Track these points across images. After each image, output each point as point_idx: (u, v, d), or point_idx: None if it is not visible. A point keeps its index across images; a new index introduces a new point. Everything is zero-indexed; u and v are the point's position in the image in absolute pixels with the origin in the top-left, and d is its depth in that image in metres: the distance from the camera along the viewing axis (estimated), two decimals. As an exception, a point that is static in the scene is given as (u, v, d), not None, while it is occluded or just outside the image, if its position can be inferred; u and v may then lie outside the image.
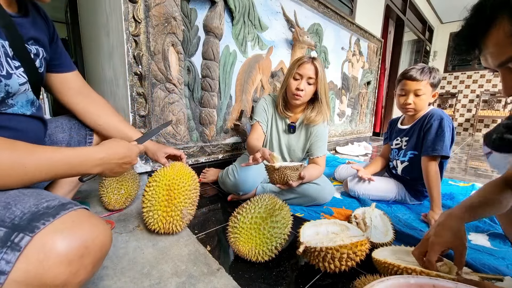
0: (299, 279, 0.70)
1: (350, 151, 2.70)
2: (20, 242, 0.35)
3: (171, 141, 1.38)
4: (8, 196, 0.40)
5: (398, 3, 3.84)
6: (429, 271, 0.56)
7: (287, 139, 1.32)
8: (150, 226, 0.85)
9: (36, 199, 0.41)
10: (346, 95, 2.95)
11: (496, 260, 0.81)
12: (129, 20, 1.12)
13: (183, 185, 0.86)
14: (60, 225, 0.38)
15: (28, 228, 0.36)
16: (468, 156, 2.93)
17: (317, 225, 0.80)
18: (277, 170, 0.93)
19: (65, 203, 0.41)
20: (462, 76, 5.96)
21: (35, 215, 0.38)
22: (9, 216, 0.37)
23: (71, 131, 0.79)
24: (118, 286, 0.63)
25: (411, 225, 1.02)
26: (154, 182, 0.85)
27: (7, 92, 0.52)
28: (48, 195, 0.43)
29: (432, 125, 1.11)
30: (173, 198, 0.84)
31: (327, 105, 1.24)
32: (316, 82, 1.17)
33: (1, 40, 0.50)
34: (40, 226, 0.37)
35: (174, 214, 0.84)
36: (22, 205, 0.39)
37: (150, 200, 0.84)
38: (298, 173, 0.98)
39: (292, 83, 1.17)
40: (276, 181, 0.98)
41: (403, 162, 1.27)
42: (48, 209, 0.39)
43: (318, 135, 1.24)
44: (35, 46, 0.61)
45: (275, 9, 1.81)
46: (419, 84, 1.12)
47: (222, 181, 1.27)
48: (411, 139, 1.22)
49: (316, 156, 1.24)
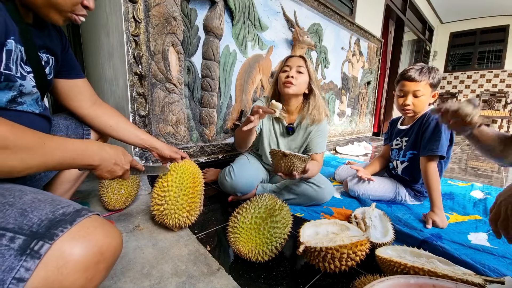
0: (299, 279, 0.70)
1: (350, 151, 2.70)
2: (40, 250, 0.35)
3: (171, 141, 1.38)
4: (24, 203, 0.40)
5: (398, 3, 3.84)
6: (436, 271, 0.56)
7: (286, 142, 1.28)
8: (175, 216, 0.86)
9: (51, 205, 0.41)
10: (346, 95, 2.95)
11: (496, 260, 0.81)
12: (129, 20, 1.12)
13: (200, 176, 0.96)
14: (77, 232, 0.39)
15: (47, 236, 0.36)
16: (468, 156, 2.93)
17: (317, 225, 0.80)
18: (285, 157, 0.88)
19: (79, 209, 0.42)
20: (462, 76, 5.96)
21: (52, 222, 0.38)
22: (27, 223, 0.37)
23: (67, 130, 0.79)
24: (118, 286, 0.63)
25: (411, 225, 1.02)
26: (175, 171, 0.89)
27: (20, 91, 0.56)
28: (61, 200, 0.44)
29: (430, 125, 1.11)
30: (196, 185, 0.92)
31: (323, 99, 1.22)
32: (306, 70, 1.16)
33: (18, 45, 0.52)
34: (59, 233, 0.37)
35: (195, 200, 0.91)
36: (39, 212, 0.39)
37: (173, 189, 0.86)
38: (304, 165, 0.94)
39: (281, 75, 1.16)
40: (280, 168, 0.93)
41: (403, 162, 1.27)
42: (65, 216, 0.40)
43: (319, 130, 1.21)
44: (46, 55, 0.64)
45: (275, 9, 1.81)
46: (418, 85, 1.11)
47: (220, 182, 1.27)
48: (410, 139, 1.22)
49: (315, 153, 1.21)
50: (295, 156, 0.89)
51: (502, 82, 5.47)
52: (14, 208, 0.39)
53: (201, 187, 0.96)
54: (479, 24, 5.62)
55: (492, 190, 1.53)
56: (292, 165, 0.91)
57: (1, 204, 0.39)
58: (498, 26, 5.40)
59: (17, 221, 0.37)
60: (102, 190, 1.03)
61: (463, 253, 0.82)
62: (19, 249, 0.35)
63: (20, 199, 0.41)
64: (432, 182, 1.07)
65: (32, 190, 0.44)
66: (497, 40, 5.47)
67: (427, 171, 1.09)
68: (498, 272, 0.73)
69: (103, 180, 1.05)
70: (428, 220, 1.04)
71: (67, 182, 0.85)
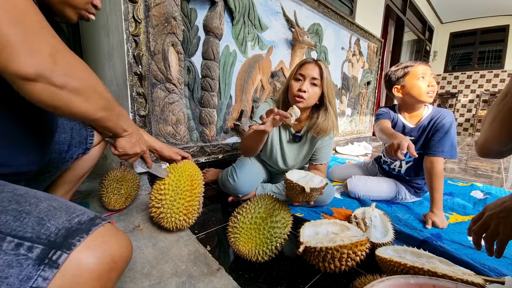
0: (299, 279, 0.70)
1: (350, 151, 2.70)
2: (58, 260, 0.36)
3: (171, 141, 1.38)
4: (40, 211, 0.40)
5: (398, 3, 3.84)
6: (436, 271, 0.56)
7: (291, 150, 1.23)
8: (171, 220, 0.85)
9: (67, 213, 0.42)
10: (346, 95, 2.95)
11: (496, 259, 0.81)
12: (129, 20, 1.12)
13: (200, 177, 0.95)
14: (92, 241, 0.39)
15: (65, 246, 0.37)
16: (468, 156, 2.93)
17: (317, 225, 0.80)
18: (304, 193, 0.78)
19: (93, 218, 0.43)
20: (462, 76, 5.96)
21: (69, 231, 0.39)
22: (45, 233, 0.38)
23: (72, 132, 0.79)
24: (118, 286, 0.63)
25: (411, 225, 1.02)
26: (173, 173, 0.88)
27: None
28: (75, 208, 0.44)
29: (443, 125, 1.10)
30: (194, 188, 0.90)
31: (334, 113, 1.11)
32: (321, 84, 1.07)
33: None
34: (76, 243, 0.38)
35: (193, 203, 0.89)
36: (55, 221, 0.40)
37: (169, 192, 0.85)
38: (320, 192, 0.85)
39: (293, 85, 1.07)
40: (297, 200, 0.84)
41: (408, 162, 1.25)
42: (80, 225, 0.41)
43: (326, 141, 1.18)
44: None
45: (275, 9, 1.81)
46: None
47: (222, 183, 1.26)
48: (418, 139, 1.18)
49: (321, 163, 1.19)
50: (314, 190, 0.80)
51: (502, 82, 5.47)
52: (31, 217, 0.39)
53: (200, 189, 0.94)
54: (479, 24, 5.62)
55: (492, 190, 1.53)
56: (310, 198, 0.82)
57: (18, 213, 0.39)
58: (498, 26, 5.40)
59: (34, 230, 0.38)
60: (102, 190, 1.03)
61: (463, 253, 0.82)
62: (37, 258, 0.35)
63: (36, 207, 0.41)
64: (437, 182, 1.06)
65: (45, 197, 0.45)
66: (497, 40, 5.47)
67: (434, 171, 1.07)
68: (498, 272, 0.73)
69: (103, 180, 1.05)
70: (427, 221, 1.04)
71: (68, 183, 0.85)
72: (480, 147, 0.54)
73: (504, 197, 0.55)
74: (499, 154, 0.52)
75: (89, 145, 0.83)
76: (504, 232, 0.51)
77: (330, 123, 1.11)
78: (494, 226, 0.53)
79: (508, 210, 0.51)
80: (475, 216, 0.60)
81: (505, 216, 0.51)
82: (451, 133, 1.09)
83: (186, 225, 0.89)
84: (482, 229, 0.56)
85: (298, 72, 1.07)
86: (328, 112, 1.11)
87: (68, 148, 0.77)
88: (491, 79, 5.59)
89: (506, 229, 0.51)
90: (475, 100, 5.77)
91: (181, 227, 0.88)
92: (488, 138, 0.51)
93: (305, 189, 0.76)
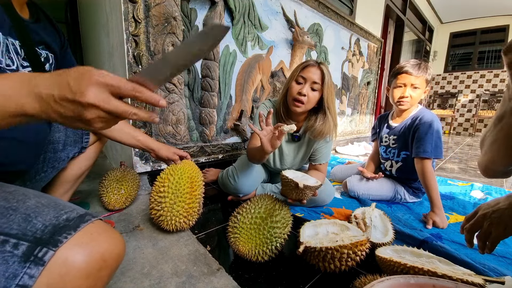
0: (299, 279, 0.70)
1: (350, 151, 2.70)
2: (44, 257, 0.35)
3: (171, 141, 1.38)
4: (27, 208, 0.40)
5: (398, 3, 3.84)
6: (436, 271, 0.56)
7: (290, 150, 1.24)
8: (171, 223, 0.84)
9: (55, 210, 0.41)
10: (346, 95, 2.95)
11: (496, 260, 0.81)
12: (129, 20, 1.12)
13: (200, 178, 0.94)
14: (80, 238, 0.38)
15: (51, 242, 0.36)
16: (468, 156, 2.93)
17: (317, 225, 0.80)
18: (297, 189, 0.82)
19: (82, 215, 0.42)
20: (462, 76, 5.96)
21: (56, 228, 0.38)
22: (31, 229, 0.37)
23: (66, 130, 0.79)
24: (118, 286, 0.63)
25: (411, 225, 1.02)
26: (173, 175, 0.87)
27: None
28: (65, 205, 0.43)
29: (423, 126, 1.12)
30: (194, 190, 0.89)
31: (333, 118, 1.10)
32: (321, 89, 1.05)
33: (11, 38, 0.52)
34: (63, 240, 0.37)
35: (193, 205, 0.89)
36: (42, 217, 0.39)
37: (169, 195, 0.84)
38: (314, 192, 0.89)
39: (294, 87, 1.05)
40: (291, 196, 0.88)
41: (397, 162, 1.29)
42: (68, 221, 0.40)
43: (325, 142, 1.18)
44: (46, 51, 0.63)
45: (275, 9, 1.81)
46: (417, 78, 1.15)
47: (222, 183, 1.26)
48: (400, 139, 1.24)
49: (320, 163, 1.19)
50: (307, 187, 0.84)
51: (502, 82, 5.47)
52: (17, 213, 0.38)
53: (201, 190, 0.93)
54: (479, 24, 5.62)
55: (492, 190, 1.53)
56: (303, 196, 0.86)
57: (5, 209, 0.39)
58: (498, 26, 5.40)
59: (20, 226, 0.37)
60: (102, 190, 1.03)
61: (463, 253, 0.82)
62: (23, 255, 0.35)
63: (23, 203, 0.41)
64: (429, 182, 1.08)
65: (35, 194, 0.44)
66: (497, 40, 5.47)
67: (423, 171, 1.09)
68: (498, 272, 0.73)
69: (103, 180, 1.05)
70: (428, 221, 1.04)
71: (66, 183, 0.85)
72: (485, 169, 0.55)
73: (498, 198, 0.56)
74: (505, 174, 0.53)
75: (85, 144, 0.82)
76: (496, 233, 0.53)
77: (327, 128, 1.10)
78: (486, 226, 0.54)
79: (501, 211, 0.52)
80: (468, 214, 0.61)
81: (498, 217, 0.52)
82: (433, 133, 1.10)
83: (186, 226, 0.89)
84: (474, 228, 0.58)
85: (299, 74, 1.06)
86: (326, 117, 1.10)
87: (64, 147, 0.77)
88: (491, 79, 5.59)
89: (498, 230, 0.52)
90: (475, 100, 5.76)
91: (181, 228, 0.88)
92: (491, 160, 0.52)
93: (298, 185, 0.80)
